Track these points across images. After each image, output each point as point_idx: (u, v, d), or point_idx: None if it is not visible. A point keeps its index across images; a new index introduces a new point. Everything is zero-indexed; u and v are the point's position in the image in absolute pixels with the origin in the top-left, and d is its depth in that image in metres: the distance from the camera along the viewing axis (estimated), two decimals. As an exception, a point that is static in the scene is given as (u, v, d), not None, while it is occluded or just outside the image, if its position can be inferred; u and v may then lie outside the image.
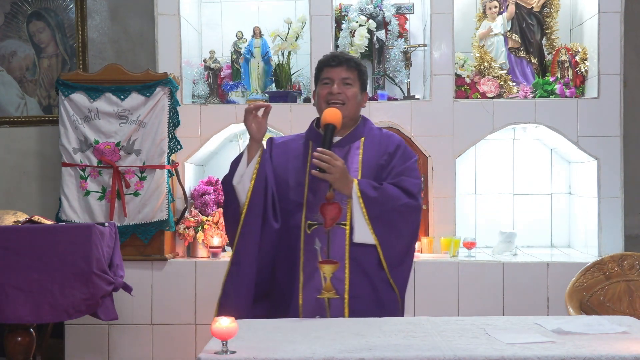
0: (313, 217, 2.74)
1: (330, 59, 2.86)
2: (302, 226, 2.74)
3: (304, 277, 2.71)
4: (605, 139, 4.25)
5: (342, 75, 2.81)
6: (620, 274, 3.44)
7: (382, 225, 2.71)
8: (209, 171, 4.73)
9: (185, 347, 4.19)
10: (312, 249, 2.67)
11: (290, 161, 2.85)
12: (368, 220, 2.70)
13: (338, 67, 2.82)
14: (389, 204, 2.73)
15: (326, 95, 2.80)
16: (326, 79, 2.82)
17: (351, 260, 2.72)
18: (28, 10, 5.04)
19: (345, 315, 2.69)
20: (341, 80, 2.81)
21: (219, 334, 2.07)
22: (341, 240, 2.74)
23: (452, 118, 4.33)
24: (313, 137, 2.86)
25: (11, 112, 5.07)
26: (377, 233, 2.71)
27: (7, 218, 3.60)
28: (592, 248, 4.28)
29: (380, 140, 2.88)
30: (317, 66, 2.90)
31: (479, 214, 4.74)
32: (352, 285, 2.71)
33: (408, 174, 2.83)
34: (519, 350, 2.05)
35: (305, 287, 2.71)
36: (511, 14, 4.52)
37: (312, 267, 2.69)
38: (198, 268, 4.22)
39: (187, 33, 4.51)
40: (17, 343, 3.40)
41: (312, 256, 2.69)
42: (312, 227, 2.74)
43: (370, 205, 2.70)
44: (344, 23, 4.52)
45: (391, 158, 2.84)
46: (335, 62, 2.83)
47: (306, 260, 2.72)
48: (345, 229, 2.73)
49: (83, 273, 3.22)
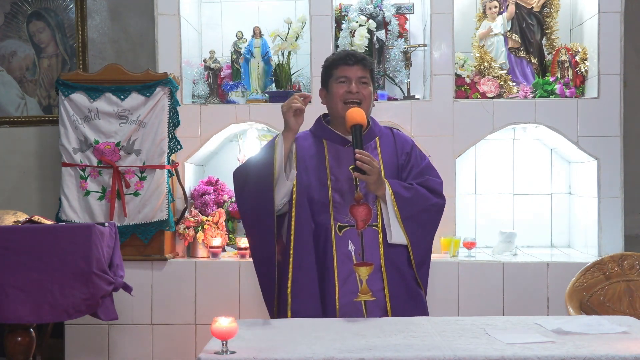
0: (343, 219, 2.72)
1: (346, 57, 2.82)
2: (332, 228, 2.71)
3: (339, 280, 2.68)
4: (605, 139, 4.25)
5: (358, 74, 2.79)
6: (620, 274, 3.44)
7: (413, 225, 2.74)
8: (209, 171, 4.73)
9: (185, 347, 4.19)
10: (346, 251, 2.67)
11: (307, 160, 2.81)
12: (400, 221, 2.72)
13: (355, 65, 2.80)
14: (420, 204, 2.77)
15: (344, 94, 2.78)
16: (343, 77, 2.80)
17: (386, 260, 2.73)
18: (28, 10, 5.04)
19: (389, 316, 2.70)
20: (358, 79, 2.79)
21: (219, 334, 2.07)
22: (374, 242, 2.73)
23: (452, 118, 4.33)
24: (327, 135, 2.84)
25: (11, 112, 5.07)
26: (408, 233, 2.74)
27: (7, 218, 3.60)
28: (592, 248, 4.28)
29: (395, 140, 2.91)
30: (330, 64, 2.85)
31: (479, 214, 4.74)
32: (390, 286, 2.72)
33: (430, 173, 2.89)
34: (519, 350, 2.05)
35: (341, 290, 2.68)
36: (511, 14, 4.52)
37: (346, 270, 2.67)
38: (198, 268, 4.22)
39: (187, 33, 4.51)
40: (17, 343, 3.39)
41: (345, 259, 2.68)
42: (343, 229, 2.71)
43: (403, 205, 2.72)
44: (344, 23, 4.52)
45: (409, 157, 2.88)
46: (352, 61, 2.80)
47: (340, 263, 2.68)
48: (378, 230, 2.73)
49: (83, 273, 3.22)
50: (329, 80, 2.84)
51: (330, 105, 2.84)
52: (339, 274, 2.68)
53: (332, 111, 2.85)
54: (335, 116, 2.84)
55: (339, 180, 2.75)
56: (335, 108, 2.81)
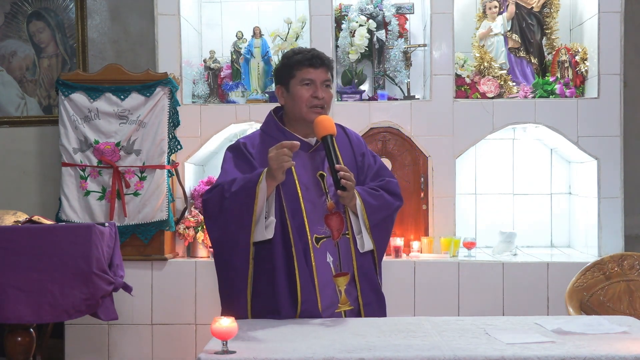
0: (319, 230, 2.62)
1: (312, 58, 2.67)
2: (309, 240, 2.59)
3: (320, 294, 2.58)
4: (605, 139, 4.25)
5: (323, 78, 2.66)
6: (620, 274, 3.44)
7: (379, 232, 2.69)
8: (209, 171, 4.73)
9: (185, 347, 4.19)
10: (325, 263, 2.60)
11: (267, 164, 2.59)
12: (369, 228, 2.65)
13: (320, 68, 2.66)
14: (385, 210, 2.71)
15: (309, 99, 2.64)
16: (308, 80, 2.64)
17: (358, 269, 2.66)
18: (28, 10, 5.04)
19: None
20: (322, 82, 2.66)
21: (219, 334, 2.07)
22: (348, 251, 2.66)
23: (452, 118, 4.33)
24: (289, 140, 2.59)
25: (11, 112, 5.07)
26: (375, 239, 2.68)
27: (7, 218, 3.60)
28: (592, 248, 4.28)
29: (349, 139, 2.79)
30: (292, 63, 2.68)
31: (479, 214, 4.74)
32: (363, 294, 2.66)
33: (386, 174, 2.81)
34: (519, 350, 2.05)
35: (323, 303, 2.58)
36: (511, 14, 4.52)
37: (324, 282, 2.60)
38: (198, 268, 4.22)
39: (187, 33, 4.51)
40: (17, 343, 3.39)
41: (323, 270, 2.60)
42: (320, 241, 2.62)
43: (371, 213, 2.65)
44: (344, 23, 4.52)
45: (364, 158, 2.79)
46: (318, 63, 2.66)
47: (319, 276, 2.59)
48: (349, 238, 2.66)
49: (83, 273, 3.21)
50: (291, 81, 2.67)
51: (292, 107, 2.68)
52: (319, 287, 2.59)
53: (293, 114, 2.69)
54: (297, 119, 2.69)
55: (308, 189, 2.64)
56: (299, 112, 2.66)
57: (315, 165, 2.67)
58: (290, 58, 2.70)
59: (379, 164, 2.82)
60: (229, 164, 2.66)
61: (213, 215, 2.60)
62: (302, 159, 2.66)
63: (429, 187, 4.33)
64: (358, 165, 2.75)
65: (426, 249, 4.32)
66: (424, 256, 4.26)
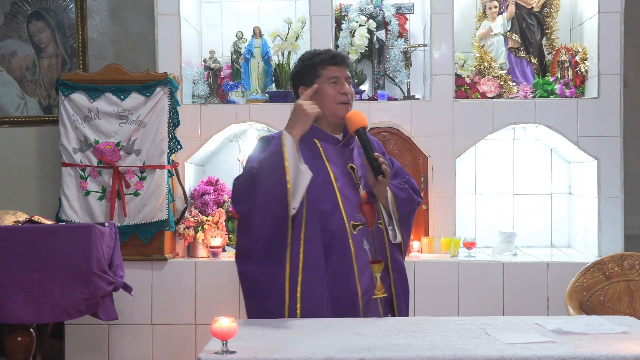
0: (355, 218, 2.73)
1: (334, 57, 2.82)
2: (347, 228, 2.69)
3: (359, 280, 2.68)
4: (605, 139, 4.25)
5: (346, 75, 2.82)
6: (620, 274, 3.44)
7: (405, 224, 2.81)
8: (209, 171, 4.73)
9: (185, 347, 4.19)
10: (362, 249, 2.70)
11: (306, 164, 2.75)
12: (398, 220, 2.78)
13: (342, 65, 2.81)
14: (411, 204, 2.84)
15: (338, 95, 2.78)
16: (334, 77, 2.79)
17: (392, 259, 2.78)
18: (28, 10, 5.04)
19: (396, 315, 2.75)
20: (345, 79, 2.81)
21: (219, 334, 2.07)
22: (382, 239, 2.77)
23: (452, 118, 4.33)
24: (319, 136, 2.80)
25: (11, 112, 5.07)
26: (402, 231, 2.80)
27: (7, 218, 3.60)
28: (592, 248, 4.28)
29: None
30: (315, 63, 2.80)
31: (479, 214, 4.74)
32: (395, 284, 2.78)
33: (404, 173, 2.96)
34: (519, 350, 2.05)
35: (362, 288, 2.69)
36: (511, 14, 4.52)
37: (362, 268, 2.69)
38: (198, 268, 4.22)
39: (187, 33, 4.51)
40: (17, 343, 3.39)
41: (360, 256, 2.70)
42: (357, 228, 2.72)
43: (400, 206, 2.78)
44: (344, 23, 4.52)
45: (385, 158, 2.87)
46: (340, 61, 2.82)
47: (357, 261, 2.69)
48: (382, 227, 2.78)
49: (83, 273, 3.22)
50: (316, 80, 2.79)
51: (319, 105, 2.76)
52: (358, 272, 2.69)
53: (322, 111, 2.77)
54: (325, 116, 2.79)
55: (339, 180, 2.75)
56: (329, 109, 2.78)
57: (345, 158, 2.80)
58: (311, 59, 2.83)
59: (396, 165, 2.98)
60: (256, 151, 2.74)
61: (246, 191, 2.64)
62: (331, 153, 2.80)
63: (429, 187, 4.33)
64: None
65: (426, 249, 4.32)
66: (424, 256, 4.26)
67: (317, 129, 2.82)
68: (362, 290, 2.68)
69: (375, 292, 2.67)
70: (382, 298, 2.72)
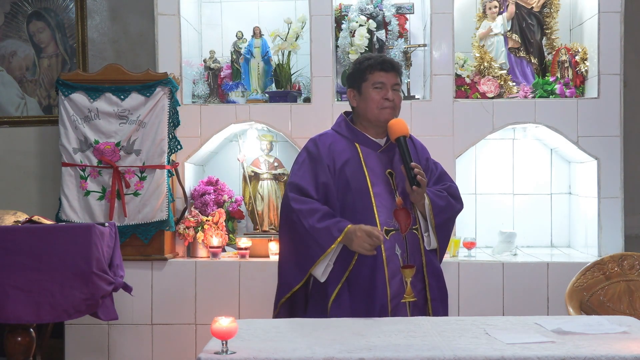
0: (389, 224, 2.79)
1: (382, 63, 2.87)
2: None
3: (389, 283, 2.75)
4: (605, 139, 4.25)
5: (393, 82, 2.86)
6: (620, 274, 3.44)
7: (442, 232, 2.87)
8: (209, 171, 4.73)
9: (185, 347, 4.19)
10: (393, 254, 2.76)
11: (339, 162, 2.84)
12: (434, 228, 2.83)
13: (391, 72, 2.86)
14: (450, 212, 2.91)
15: (380, 101, 2.83)
16: (379, 83, 2.85)
17: (427, 264, 2.83)
18: (28, 10, 5.04)
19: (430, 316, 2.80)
20: (392, 85, 2.86)
21: (219, 334, 2.07)
22: (416, 245, 2.83)
23: (452, 118, 4.33)
24: (360, 139, 2.89)
25: (11, 112, 5.07)
26: (439, 238, 2.86)
27: (7, 218, 3.60)
28: (592, 248, 4.28)
29: (414, 145, 3.01)
30: (365, 67, 2.88)
31: (479, 214, 4.74)
32: (431, 289, 2.83)
33: (447, 179, 3.03)
34: (519, 350, 2.05)
35: (391, 292, 2.76)
36: (511, 14, 4.52)
37: (393, 272, 2.76)
38: (198, 268, 4.22)
39: (187, 33, 4.51)
40: (17, 343, 3.39)
41: (392, 261, 2.76)
42: (389, 233, 2.78)
43: (438, 213, 2.83)
44: (344, 23, 4.52)
45: (428, 163, 3.00)
46: (389, 68, 2.87)
47: (388, 266, 2.76)
48: (417, 234, 2.83)
49: (83, 273, 3.21)
50: (363, 84, 2.88)
51: (364, 109, 2.88)
52: (389, 276, 2.75)
53: (365, 115, 2.89)
54: (369, 120, 2.89)
55: (376, 185, 2.81)
56: (371, 113, 2.86)
57: (384, 164, 2.88)
58: (362, 63, 2.92)
59: (440, 170, 3.05)
60: (304, 169, 2.85)
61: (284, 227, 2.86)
62: (371, 158, 2.87)
63: (429, 187, 4.33)
64: (423, 168, 2.90)
65: (426, 249, 4.31)
66: (424, 256, 4.25)
67: (360, 134, 2.90)
68: (392, 294, 2.75)
69: (405, 297, 2.74)
70: (411, 302, 2.77)
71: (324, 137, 2.92)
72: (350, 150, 2.86)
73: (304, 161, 2.87)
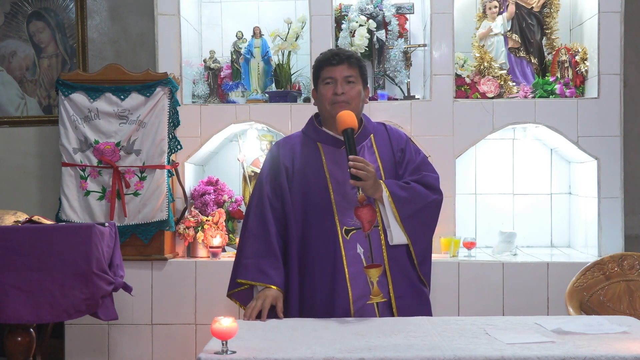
0: (349, 222, 2.72)
1: (330, 57, 2.79)
2: (339, 232, 2.71)
3: (351, 285, 2.69)
4: (605, 139, 4.25)
5: (344, 74, 2.76)
6: (620, 274, 3.44)
7: (412, 224, 2.73)
8: (209, 171, 4.74)
9: (185, 347, 4.19)
10: (355, 254, 2.69)
11: (301, 162, 2.81)
12: (400, 221, 2.71)
13: (339, 65, 2.76)
14: (418, 202, 2.76)
15: (331, 97, 2.75)
16: (328, 78, 2.77)
17: (390, 261, 2.73)
18: (28, 10, 5.04)
19: (395, 316, 2.71)
20: (344, 79, 2.76)
21: (219, 334, 2.07)
22: (378, 243, 2.74)
23: (452, 118, 4.33)
24: (321, 138, 2.83)
25: (11, 112, 5.07)
26: (408, 232, 2.73)
27: (7, 218, 3.60)
28: (592, 248, 4.28)
29: (389, 135, 2.90)
30: (316, 65, 2.84)
31: (479, 214, 4.74)
32: (395, 286, 2.72)
33: (426, 168, 2.88)
34: (519, 350, 2.05)
35: (354, 294, 2.68)
36: (511, 14, 4.52)
37: (355, 273, 2.69)
38: (198, 268, 4.22)
39: (187, 33, 4.51)
40: (17, 343, 3.39)
41: (354, 262, 2.69)
42: (350, 232, 2.72)
43: (401, 205, 2.71)
44: (344, 23, 4.52)
45: (404, 153, 2.87)
46: (336, 61, 2.77)
47: (350, 267, 2.69)
48: (380, 230, 2.74)
49: (83, 273, 3.21)
50: (318, 82, 2.82)
51: (320, 106, 2.83)
52: (350, 278, 2.69)
53: (322, 113, 2.84)
54: (326, 117, 2.83)
55: (339, 183, 2.74)
56: (324, 109, 2.80)
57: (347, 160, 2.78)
58: (316, 60, 2.86)
59: (420, 159, 2.90)
60: (263, 172, 2.88)
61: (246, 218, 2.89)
62: (334, 155, 2.80)
63: (429, 187, 4.32)
64: (396, 160, 2.84)
65: (426, 249, 4.31)
66: (424, 256, 4.25)
67: (322, 132, 2.85)
68: (355, 297, 2.67)
69: (371, 297, 2.60)
70: (380, 303, 2.67)
71: (289, 139, 2.92)
72: (312, 151, 2.81)
73: (265, 163, 2.90)
